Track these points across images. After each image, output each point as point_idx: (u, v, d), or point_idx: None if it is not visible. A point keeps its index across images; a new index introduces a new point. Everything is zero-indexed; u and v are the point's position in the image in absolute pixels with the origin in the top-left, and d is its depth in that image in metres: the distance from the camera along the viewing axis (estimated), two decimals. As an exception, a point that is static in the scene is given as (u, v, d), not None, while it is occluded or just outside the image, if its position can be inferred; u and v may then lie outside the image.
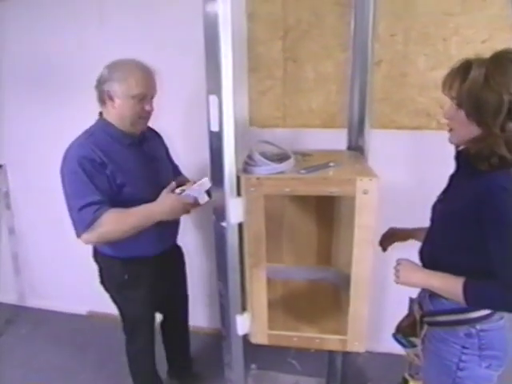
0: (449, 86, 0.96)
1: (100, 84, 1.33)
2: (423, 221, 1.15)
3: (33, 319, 2.48)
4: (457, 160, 1.06)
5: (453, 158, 1.07)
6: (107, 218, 1.25)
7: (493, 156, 0.91)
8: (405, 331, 1.20)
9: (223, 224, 1.05)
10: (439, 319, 1.07)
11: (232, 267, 1.09)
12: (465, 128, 0.96)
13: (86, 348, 2.22)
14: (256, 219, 1.06)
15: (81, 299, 2.45)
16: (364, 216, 1.01)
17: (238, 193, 1.06)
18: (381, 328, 1.40)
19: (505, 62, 0.89)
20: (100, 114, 1.40)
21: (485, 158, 0.92)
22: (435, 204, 1.12)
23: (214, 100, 0.96)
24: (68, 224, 1.31)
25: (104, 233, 1.27)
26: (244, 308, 1.17)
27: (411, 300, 1.21)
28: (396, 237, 1.33)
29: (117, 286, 1.48)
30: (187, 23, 1.52)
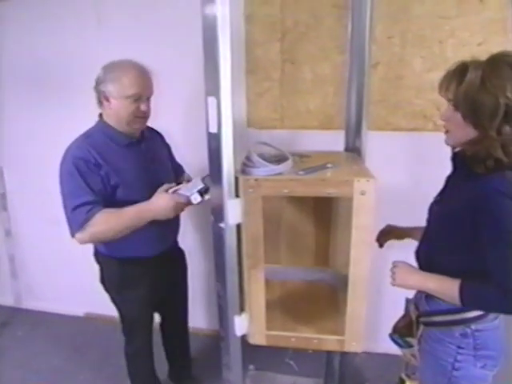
0: (445, 88, 0.96)
1: (97, 85, 1.34)
2: (420, 221, 1.15)
3: (29, 321, 2.47)
4: (453, 161, 1.07)
5: (449, 160, 1.07)
6: (99, 218, 1.26)
7: (489, 158, 0.92)
8: (401, 331, 1.21)
9: (221, 225, 1.05)
10: (435, 319, 1.07)
11: (230, 268, 1.10)
12: (461, 130, 0.96)
13: (84, 350, 2.21)
14: (254, 220, 1.06)
15: (78, 301, 2.44)
16: (361, 217, 1.01)
17: (237, 194, 1.06)
18: (378, 329, 1.41)
19: (501, 65, 0.89)
20: (100, 116, 1.41)
21: (481, 160, 0.93)
22: (432, 205, 1.13)
23: (213, 102, 0.96)
24: (64, 226, 1.31)
25: (96, 233, 1.28)
26: (242, 309, 1.17)
27: (407, 300, 1.21)
28: (393, 234, 1.34)
29: (116, 286, 1.49)
30: (186, 25, 1.53)
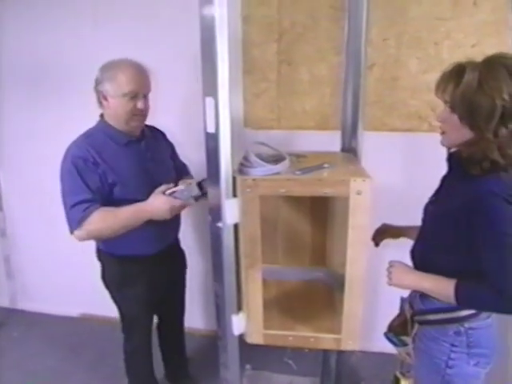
0: (442, 90, 0.96)
1: (96, 86, 1.35)
2: (415, 221, 1.16)
3: (25, 322, 2.46)
4: (449, 162, 1.07)
5: (444, 160, 1.08)
6: (96, 217, 1.27)
7: (485, 160, 0.92)
8: (396, 330, 1.21)
9: (219, 225, 1.05)
10: (429, 318, 1.08)
11: (228, 268, 1.10)
12: (457, 131, 0.97)
13: (79, 350, 2.20)
14: (252, 220, 1.07)
15: (73, 301, 2.43)
16: (358, 216, 1.02)
17: (234, 194, 1.06)
18: (373, 328, 1.42)
19: (497, 67, 0.89)
20: (101, 116, 1.42)
21: (477, 162, 0.93)
22: (427, 205, 1.13)
23: (211, 102, 0.96)
24: (60, 226, 1.31)
25: (93, 230, 1.29)
26: (240, 308, 1.18)
27: (402, 299, 1.22)
28: (388, 233, 1.34)
29: (115, 284, 1.50)
30: (183, 25, 1.53)
